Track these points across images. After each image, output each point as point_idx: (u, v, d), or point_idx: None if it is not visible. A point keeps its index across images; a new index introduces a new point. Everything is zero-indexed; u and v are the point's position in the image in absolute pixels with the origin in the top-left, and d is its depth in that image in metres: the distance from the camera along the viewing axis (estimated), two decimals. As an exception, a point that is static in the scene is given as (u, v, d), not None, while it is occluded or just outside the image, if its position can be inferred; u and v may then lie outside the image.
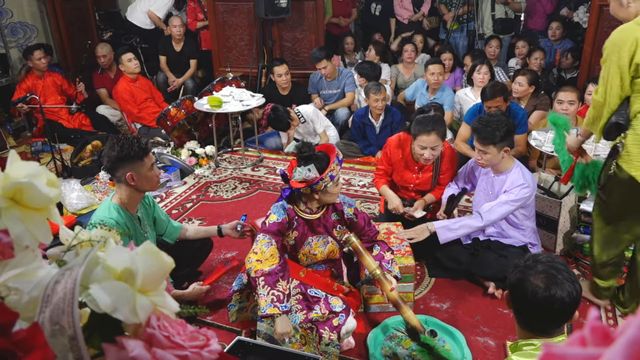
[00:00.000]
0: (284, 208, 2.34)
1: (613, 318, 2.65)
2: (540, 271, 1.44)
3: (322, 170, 2.21)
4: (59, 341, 0.49)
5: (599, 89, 2.21)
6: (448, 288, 2.87)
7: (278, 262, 2.18)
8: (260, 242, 2.23)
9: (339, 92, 5.24)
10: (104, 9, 6.99)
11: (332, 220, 2.43)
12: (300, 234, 2.37)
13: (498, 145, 2.65)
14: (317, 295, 2.33)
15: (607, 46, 2.13)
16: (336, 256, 2.50)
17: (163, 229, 2.67)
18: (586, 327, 0.37)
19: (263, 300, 2.09)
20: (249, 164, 4.59)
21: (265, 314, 2.08)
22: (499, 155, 2.69)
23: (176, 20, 5.88)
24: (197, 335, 0.57)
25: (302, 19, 5.47)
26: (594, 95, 2.24)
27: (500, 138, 2.63)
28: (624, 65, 2.08)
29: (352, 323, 2.32)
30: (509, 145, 2.69)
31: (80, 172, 4.35)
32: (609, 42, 2.13)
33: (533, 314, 1.45)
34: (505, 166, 2.79)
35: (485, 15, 6.30)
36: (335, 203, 2.41)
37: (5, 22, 5.56)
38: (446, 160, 3.10)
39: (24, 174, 0.58)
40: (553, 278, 1.42)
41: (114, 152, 2.25)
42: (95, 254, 0.57)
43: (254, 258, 2.19)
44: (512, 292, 1.50)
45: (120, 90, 5.02)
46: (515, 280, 1.47)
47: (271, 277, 2.12)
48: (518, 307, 1.49)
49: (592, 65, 4.58)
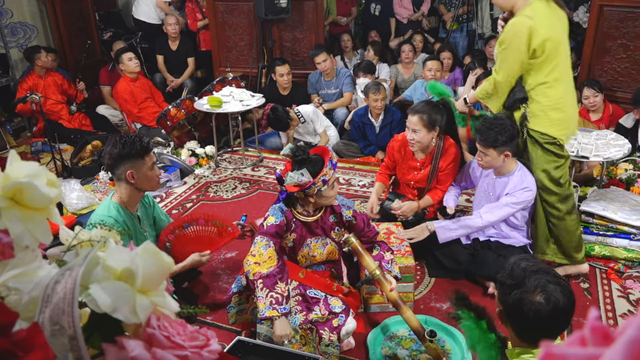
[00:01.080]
0: (281, 210, 2.32)
1: (613, 318, 2.65)
2: (535, 285, 1.39)
3: (316, 174, 2.18)
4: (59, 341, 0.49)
5: (500, 72, 2.62)
6: (448, 288, 2.87)
7: (276, 265, 2.16)
8: (258, 245, 2.22)
9: (337, 91, 5.24)
10: (104, 9, 6.98)
11: (330, 222, 2.42)
12: (298, 236, 2.37)
13: (499, 149, 2.65)
14: (317, 296, 2.33)
15: (507, 37, 2.54)
16: (335, 257, 2.50)
17: (163, 228, 2.67)
18: (586, 327, 0.37)
19: (262, 302, 2.08)
20: (249, 164, 4.59)
21: (264, 316, 2.07)
22: (499, 158, 2.69)
23: (171, 19, 5.82)
24: (197, 335, 0.57)
25: (302, 19, 5.47)
26: (495, 76, 2.64)
27: (501, 142, 2.62)
28: (523, 52, 2.50)
29: (352, 324, 2.32)
30: (510, 150, 2.67)
31: (80, 172, 4.35)
32: (510, 34, 2.52)
33: (538, 330, 1.41)
34: (507, 168, 2.78)
35: (484, 15, 6.31)
36: (333, 205, 2.40)
37: (5, 22, 5.56)
38: (446, 157, 3.04)
39: (24, 174, 0.58)
40: (548, 286, 1.38)
41: (116, 149, 2.26)
42: (95, 254, 0.57)
43: (252, 260, 2.18)
44: (512, 314, 1.43)
45: (120, 90, 5.01)
46: (512, 302, 1.41)
47: (269, 279, 2.11)
48: (520, 326, 1.44)
49: (592, 65, 4.58)
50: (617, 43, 4.39)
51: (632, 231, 2.97)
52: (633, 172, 3.73)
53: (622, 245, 2.99)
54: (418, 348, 2.43)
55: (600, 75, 4.51)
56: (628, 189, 3.55)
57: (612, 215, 3.00)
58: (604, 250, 3.01)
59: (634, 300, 2.75)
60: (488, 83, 2.72)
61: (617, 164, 3.84)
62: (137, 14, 6.32)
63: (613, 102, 4.39)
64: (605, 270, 2.98)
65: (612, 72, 4.49)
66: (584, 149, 3.28)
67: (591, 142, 3.36)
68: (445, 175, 3.10)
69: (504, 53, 2.57)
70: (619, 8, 4.29)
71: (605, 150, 3.29)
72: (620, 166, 3.83)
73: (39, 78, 5.14)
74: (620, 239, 3.00)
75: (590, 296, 2.80)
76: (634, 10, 4.23)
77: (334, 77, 5.22)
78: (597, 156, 3.25)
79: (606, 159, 3.28)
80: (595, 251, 3.03)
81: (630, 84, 4.42)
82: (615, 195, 3.22)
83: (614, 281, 2.90)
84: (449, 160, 3.07)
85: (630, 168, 3.79)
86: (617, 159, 3.53)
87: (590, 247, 3.05)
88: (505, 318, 1.47)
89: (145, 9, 6.22)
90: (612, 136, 3.47)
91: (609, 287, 2.86)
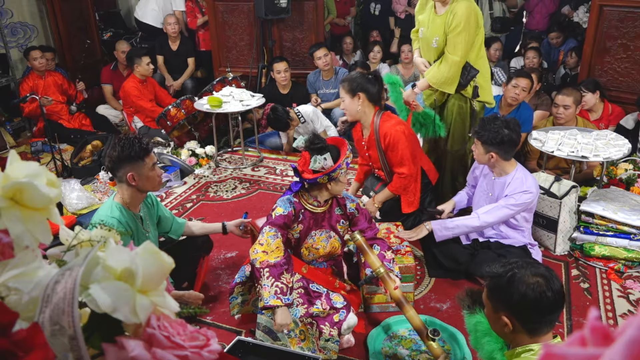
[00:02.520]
0: (290, 201, 2.36)
1: (613, 318, 2.65)
2: (528, 275, 1.46)
3: (336, 159, 2.26)
4: (59, 341, 0.49)
5: (457, 53, 2.94)
6: (448, 288, 2.87)
7: (283, 255, 2.20)
8: (266, 234, 2.25)
9: (335, 91, 5.24)
10: (104, 9, 6.98)
11: (336, 214, 2.46)
12: (305, 227, 2.40)
13: (484, 146, 2.70)
14: (319, 290, 2.35)
15: (461, 21, 2.88)
16: (337, 252, 2.51)
17: (168, 227, 2.69)
18: (586, 327, 0.37)
19: (266, 291, 2.10)
20: (249, 164, 4.59)
21: (268, 304, 2.09)
22: (484, 155, 2.74)
23: (171, 18, 5.79)
24: (197, 335, 0.57)
25: (302, 19, 5.47)
26: (454, 58, 2.94)
27: (486, 140, 2.68)
28: (473, 30, 2.92)
29: (353, 319, 2.34)
30: (498, 154, 2.71)
31: (80, 172, 4.35)
32: (463, 17, 2.87)
33: (546, 311, 1.45)
34: (505, 169, 2.79)
35: (484, 15, 6.30)
36: (338, 197, 2.46)
37: (5, 22, 5.56)
38: (385, 134, 2.94)
39: (24, 174, 0.58)
40: (534, 269, 1.48)
41: (115, 152, 2.26)
42: (95, 254, 0.57)
43: (260, 249, 2.21)
44: (518, 306, 1.45)
45: (129, 88, 5.00)
46: (516, 294, 1.44)
47: (276, 269, 2.14)
48: (529, 312, 1.46)
49: (592, 64, 4.58)
50: (617, 43, 4.39)
51: (632, 231, 2.97)
52: (633, 172, 3.73)
53: (622, 245, 2.99)
54: (418, 348, 2.44)
55: (600, 75, 4.52)
56: (628, 189, 3.55)
57: (612, 215, 3.00)
58: (604, 250, 3.01)
59: (634, 300, 2.75)
60: (446, 67, 2.98)
61: (617, 164, 3.84)
62: (142, 17, 6.24)
63: (613, 102, 4.39)
64: (605, 270, 2.98)
65: (612, 72, 4.49)
66: (584, 149, 3.28)
67: (591, 142, 3.36)
68: (395, 156, 2.97)
69: (461, 35, 2.90)
70: (619, 8, 4.29)
71: (605, 150, 3.29)
72: (620, 166, 3.83)
73: (38, 78, 5.14)
74: (620, 239, 3.00)
75: (590, 296, 2.80)
76: (634, 10, 4.23)
77: (333, 76, 5.22)
78: (596, 156, 3.25)
79: (606, 159, 3.28)
80: (595, 251, 3.03)
81: (630, 84, 4.42)
82: (615, 195, 3.22)
83: (614, 281, 2.90)
84: (388, 138, 2.93)
85: (630, 168, 3.79)
86: (616, 159, 3.53)
87: (590, 247, 3.05)
88: (509, 316, 1.48)
89: (154, 13, 6.17)
90: (612, 136, 3.47)
91: (609, 287, 2.86)
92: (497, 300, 1.50)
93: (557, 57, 5.94)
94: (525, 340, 1.48)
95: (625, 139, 3.46)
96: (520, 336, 1.48)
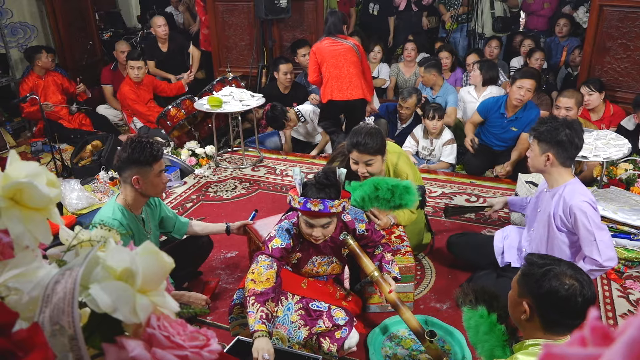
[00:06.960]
0: (289, 232, 2.28)
1: (613, 318, 2.65)
2: (566, 275, 1.46)
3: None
4: (59, 341, 0.49)
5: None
6: (448, 288, 2.87)
7: (272, 286, 2.16)
8: (260, 263, 2.20)
9: None
10: (104, 9, 6.99)
11: (340, 241, 2.36)
12: (304, 255, 2.36)
13: (541, 145, 2.36)
14: (320, 308, 2.32)
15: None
16: (338, 272, 2.51)
17: (171, 226, 2.70)
18: (586, 327, 0.37)
19: (252, 317, 2.08)
20: (249, 164, 4.59)
21: (253, 329, 2.06)
22: (540, 157, 2.38)
23: (159, 20, 5.59)
24: (197, 335, 0.57)
25: (302, 19, 5.47)
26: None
27: (547, 138, 2.33)
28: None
29: (355, 338, 2.31)
30: (555, 155, 2.34)
31: (80, 172, 4.35)
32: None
33: (571, 313, 1.45)
34: (562, 177, 2.38)
35: (484, 14, 6.30)
36: (347, 222, 2.37)
37: (5, 22, 5.56)
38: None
39: (24, 174, 0.58)
40: (573, 272, 1.47)
41: (125, 153, 2.26)
42: (95, 254, 0.57)
43: (250, 278, 2.18)
44: (544, 301, 1.46)
45: (125, 92, 5.02)
46: (545, 288, 1.45)
47: (262, 297, 2.12)
48: (554, 312, 1.46)
49: (592, 64, 4.58)
50: (617, 43, 4.39)
51: (632, 231, 2.97)
52: (633, 172, 3.73)
53: (622, 245, 2.99)
54: (418, 348, 2.43)
55: (600, 75, 4.52)
56: (628, 189, 3.55)
57: (612, 215, 3.00)
58: (604, 250, 3.01)
59: (634, 300, 2.75)
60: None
61: (617, 164, 3.84)
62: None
63: (613, 102, 4.39)
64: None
65: (612, 72, 4.49)
66: (584, 149, 3.28)
67: (591, 142, 3.36)
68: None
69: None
70: (619, 8, 4.29)
71: (605, 150, 3.29)
72: (620, 166, 3.83)
73: (38, 78, 5.14)
74: (620, 239, 3.00)
75: (590, 296, 2.80)
76: (634, 10, 4.23)
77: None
78: (596, 156, 3.25)
79: (606, 159, 3.28)
80: (595, 251, 3.03)
81: (630, 84, 4.42)
82: (615, 195, 3.22)
83: (614, 281, 2.90)
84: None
85: (630, 168, 3.79)
86: (616, 159, 3.53)
87: (590, 247, 3.05)
88: (531, 304, 1.49)
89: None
90: (612, 136, 3.47)
91: (609, 287, 2.86)
92: (525, 286, 1.51)
93: (559, 58, 5.93)
94: (537, 334, 1.48)
95: (625, 139, 3.46)
96: (534, 327, 1.49)
